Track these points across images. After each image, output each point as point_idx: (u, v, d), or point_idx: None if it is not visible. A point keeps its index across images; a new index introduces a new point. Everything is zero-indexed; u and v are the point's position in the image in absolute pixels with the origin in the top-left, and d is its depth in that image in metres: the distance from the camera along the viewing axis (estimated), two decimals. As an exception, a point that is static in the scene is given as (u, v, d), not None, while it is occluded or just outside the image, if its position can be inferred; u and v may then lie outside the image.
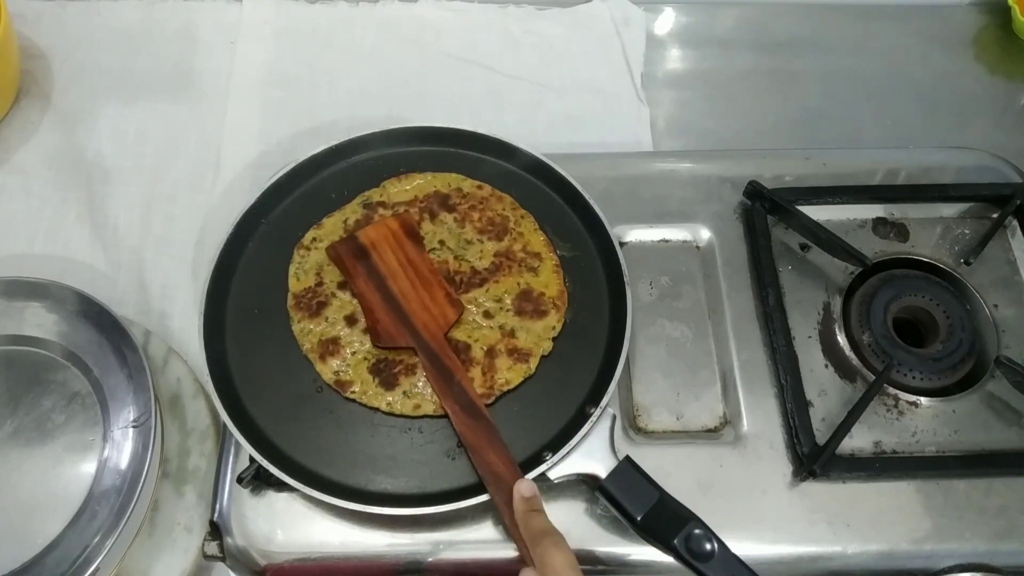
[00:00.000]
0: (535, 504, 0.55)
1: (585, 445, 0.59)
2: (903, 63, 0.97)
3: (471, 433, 0.59)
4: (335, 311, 0.67)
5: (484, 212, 0.71)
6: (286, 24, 0.96)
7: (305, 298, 0.67)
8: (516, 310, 0.67)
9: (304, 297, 0.67)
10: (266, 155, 0.86)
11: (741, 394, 0.66)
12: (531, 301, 0.67)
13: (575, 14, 0.98)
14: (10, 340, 0.67)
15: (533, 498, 0.55)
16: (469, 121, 0.75)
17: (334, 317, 0.66)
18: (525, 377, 0.64)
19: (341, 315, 0.66)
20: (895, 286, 0.70)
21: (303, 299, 0.67)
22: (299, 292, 0.68)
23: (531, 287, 0.68)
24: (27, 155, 0.86)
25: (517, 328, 0.66)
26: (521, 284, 0.68)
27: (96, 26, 0.94)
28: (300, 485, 0.57)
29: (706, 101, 0.94)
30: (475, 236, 0.70)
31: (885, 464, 0.63)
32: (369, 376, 0.64)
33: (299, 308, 0.67)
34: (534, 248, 0.70)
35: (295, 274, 0.69)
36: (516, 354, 0.64)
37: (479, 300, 0.67)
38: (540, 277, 0.68)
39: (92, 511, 0.60)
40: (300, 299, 0.67)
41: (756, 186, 0.74)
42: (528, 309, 0.67)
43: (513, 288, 0.67)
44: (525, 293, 0.67)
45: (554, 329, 0.66)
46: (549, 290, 0.68)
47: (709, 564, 0.55)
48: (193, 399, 0.70)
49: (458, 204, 0.72)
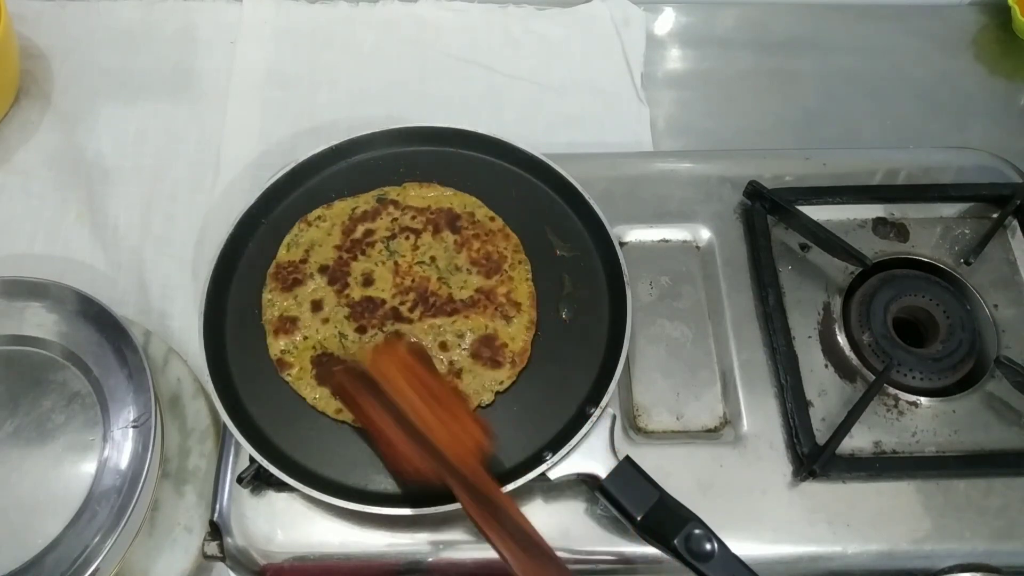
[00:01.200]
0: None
1: (585, 445, 0.59)
2: (903, 63, 0.97)
3: (531, 569, 0.51)
4: (306, 293, 0.67)
5: (485, 245, 0.70)
6: (286, 24, 0.96)
7: (285, 270, 0.68)
8: (472, 352, 0.65)
9: (285, 269, 0.68)
10: (266, 155, 0.86)
11: (741, 394, 0.66)
12: (491, 348, 0.65)
13: (575, 14, 0.98)
14: (10, 340, 0.67)
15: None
16: (469, 121, 0.75)
17: (302, 298, 0.67)
18: None
19: (309, 299, 0.67)
20: (895, 286, 0.70)
21: (283, 270, 0.68)
22: (283, 263, 0.69)
23: (497, 335, 0.66)
24: (27, 155, 0.86)
25: (466, 370, 0.64)
26: (489, 328, 0.66)
27: (96, 26, 0.94)
28: (300, 485, 0.57)
29: (706, 101, 0.94)
30: (466, 265, 0.69)
31: (885, 464, 0.63)
32: (309, 365, 0.64)
33: (276, 278, 0.68)
34: (517, 297, 0.67)
35: (287, 244, 0.70)
36: None
37: (441, 329, 0.66)
38: (510, 328, 0.66)
39: (92, 511, 0.60)
40: (280, 269, 0.68)
41: (756, 186, 0.74)
42: (485, 355, 0.65)
43: (479, 329, 0.66)
44: (488, 339, 0.65)
45: (501, 384, 0.64)
46: (513, 344, 0.65)
47: (709, 564, 0.55)
48: (193, 399, 0.70)
49: (464, 228, 0.71)
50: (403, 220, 0.71)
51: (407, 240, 0.70)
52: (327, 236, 0.70)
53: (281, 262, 0.69)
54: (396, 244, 0.70)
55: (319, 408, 0.63)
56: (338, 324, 0.66)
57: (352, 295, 0.67)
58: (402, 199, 0.72)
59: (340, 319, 0.66)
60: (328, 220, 0.71)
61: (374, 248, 0.70)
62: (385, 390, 0.57)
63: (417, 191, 0.73)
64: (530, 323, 0.67)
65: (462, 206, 0.72)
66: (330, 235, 0.70)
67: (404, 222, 0.71)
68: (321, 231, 0.70)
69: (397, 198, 0.72)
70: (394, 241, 0.70)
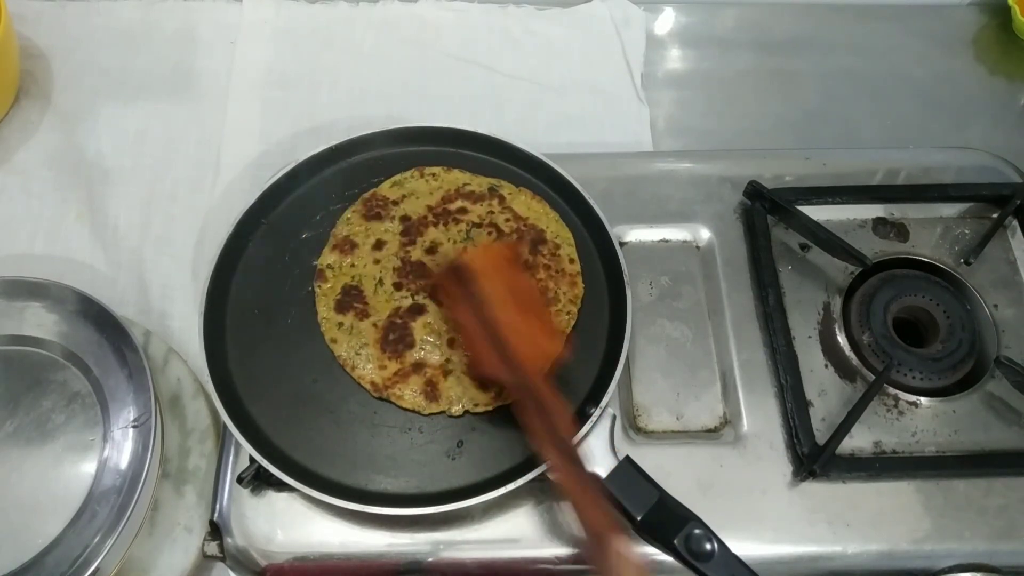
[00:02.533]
0: (632, 556, 0.51)
1: (585, 445, 0.59)
2: (903, 63, 0.97)
3: (571, 482, 0.54)
4: (379, 229, 0.70)
5: (548, 280, 0.68)
6: (286, 24, 0.96)
7: (377, 202, 0.72)
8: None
9: (378, 200, 0.72)
10: (266, 155, 0.86)
11: (741, 394, 0.66)
12: None
13: (575, 14, 0.98)
14: (10, 340, 0.67)
15: (628, 554, 0.51)
16: (469, 121, 0.75)
17: (373, 231, 0.70)
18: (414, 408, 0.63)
19: (377, 235, 0.70)
20: (895, 286, 0.70)
21: (375, 201, 0.72)
22: (379, 195, 0.72)
23: None
24: (27, 155, 0.86)
25: (453, 374, 0.64)
26: None
27: (96, 26, 0.94)
28: (300, 485, 0.57)
29: (706, 101, 0.94)
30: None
31: (885, 464, 0.64)
32: (339, 289, 0.67)
33: (365, 204, 0.72)
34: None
35: (394, 182, 0.73)
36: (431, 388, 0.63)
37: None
38: None
39: (92, 511, 0.60)
40: (374, 198, 0.72)
41: (756, 186, 0.74)
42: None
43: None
44: None
45: (476, 406, 0.63)
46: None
47: (709, 564, 0.55)
48: (193, 399, 0.70)
49: (541, 254, 0.69)
50: (498, 218, 0.71)
51: (488, 235, 0.70)
52: (428, 194, 0.72)
53: (378, 194, 0.72)
54: (477, 233, 0.70)
55: (323, 329, 0.65)
56: (384, 271, 0.68)
57: (412, 254, 0.69)
58: (510, 199, 0.72)
59: (388, 268, 0.68)
60: (439, 180, 0.73)
61: (458, 226, 0.70)
62: (477, 285, 0.60)
63: (526, 199, 0.72)
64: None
65: (554, 234, 0.71)
66: (431, 194, 0.72)
67: (497, 219, 0.71)
68: (427, 186, 0.72)
69: (507, 196, 0.72)
70: (477, 230, 0.70)
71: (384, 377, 0.64)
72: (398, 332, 0.65)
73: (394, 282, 0.68)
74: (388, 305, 0.67)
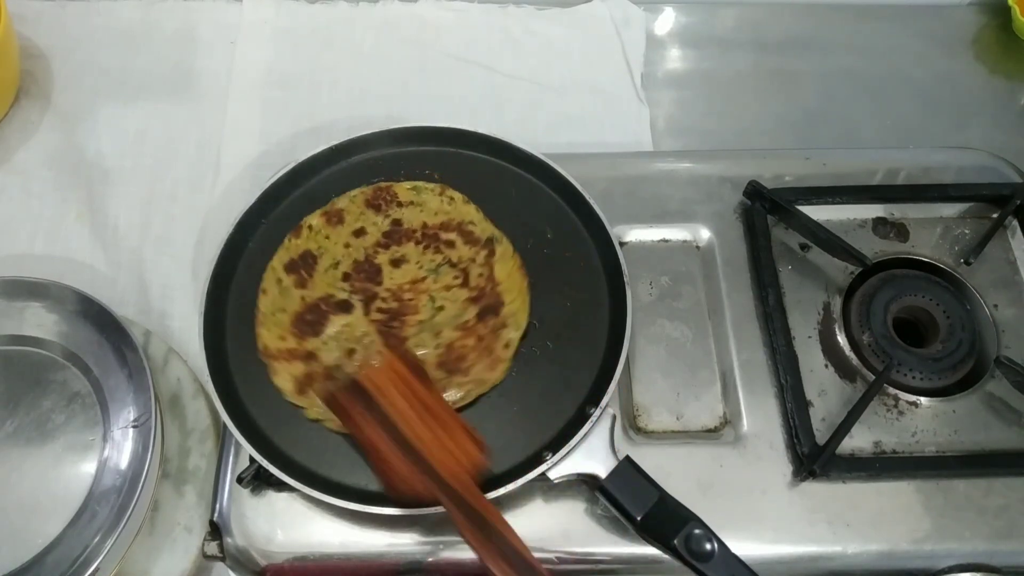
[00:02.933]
0: None
1: (585, 445, 0.59)
2: (903, 63, 0.97)
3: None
4: (359, 219, 0.71)
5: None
6: (286, 24, 0.96)
7: (381, 194, 0.72)
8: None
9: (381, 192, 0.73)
10: (266, 155, 0.86)
11: (741, 394, 0.66)
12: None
13: (575, 14, 0.98)
14: (10, 340, 0.67)
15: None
16: (469, 121, 0.75)
17: (350, 222, 0.71)
18: None
19: (355, 225, 0.70)
20: (895, 286, 0.70)
21: (379, 193, 0.72)
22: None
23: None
24: (27, 155, 0.86)
25: None
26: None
27: (96, 26, 0.94)
28: (300, 485, 0.57)
29: (706, 101, 0.94)
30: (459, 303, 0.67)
31: (885, 464, 0.63)
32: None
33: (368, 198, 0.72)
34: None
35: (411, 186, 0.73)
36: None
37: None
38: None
39: (92, 511, 0.60)
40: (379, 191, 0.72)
41: (756, 186, 0.74)
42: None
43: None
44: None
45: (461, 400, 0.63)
46: None
47: (709, 564, 0.55)
48: (193, 399, 0.70)
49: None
50: (473, 268, 0.68)
51: (454, 279, 0.68)
52: (434, 213, 0.71)
53: (392, 189, 0.72)
54: (445, 272, 0.68)
55: (264, 275, 0.67)
56: (346, 257, 0.69)
57: (378, 256, 0.69)
58: (497, 259, 0.69)
59: (351, 258, 0.69)
60: (452, 206, 0.72)
61: (436, 255, 0.69)
62: (378, 402, 0.56)
63: (512, 268, 0.69)
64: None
65: (511, 314, 0.66)
66: (436, 215, 0.71)
67: (471, 270, 0.68)
68: (438, 206, 0.72)
69: (497, 253, 0.69)
70: (448, 269, 0.68)
71: (276, 347, 0.64)
72: (315, 316, 0.65)
73: (345, 272, 0.68)
74: (326, 288, 0.67)
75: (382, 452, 0.55)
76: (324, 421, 0.62)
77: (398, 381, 0.58)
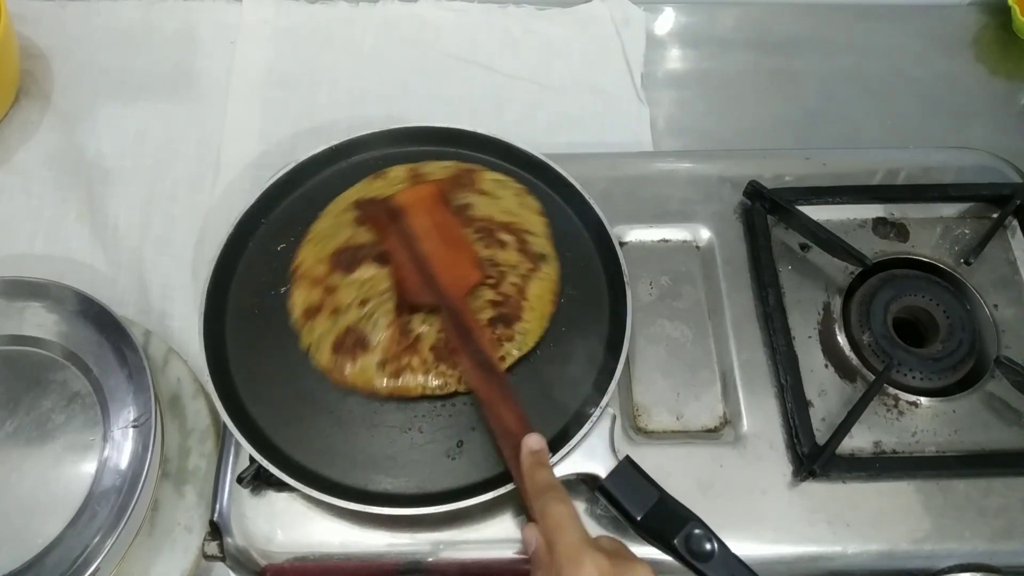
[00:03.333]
0: (542, 458, 0.55)
1: (585, 445, 0.59)
2: (903, 63, 0.97)
3: (485, 388, 0.59)
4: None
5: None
6: (286, 24, 0.96)
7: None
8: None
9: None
10: (266, 155, 0.86)
11: (741, 394, 0.66)
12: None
13: (575, 14, 0.98)
14: (10, 340, 0.67)
15: (540, 451, 0.55)
16: (469, 121, 0.75)
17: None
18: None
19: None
20: (895, 286, 0.70)
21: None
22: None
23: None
24: (27, 155, 0.86)
25: None
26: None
27: (96, 26, 0.94)
28: (300, 485, 0.57)
29: (706, 101, 0.94)
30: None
31: (885, 464, 0.64)
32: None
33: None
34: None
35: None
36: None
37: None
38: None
39: (92, 511, 0.60)
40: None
41: (756, 186, 0.74)
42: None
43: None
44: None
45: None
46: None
47: (709, 564, 0.55)
48: (193, 399, 0.70)
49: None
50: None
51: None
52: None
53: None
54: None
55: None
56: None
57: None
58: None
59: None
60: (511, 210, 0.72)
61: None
62: (404, 218, 0.68)
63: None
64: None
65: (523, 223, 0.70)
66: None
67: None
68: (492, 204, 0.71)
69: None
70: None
71: (308, 268, 0.67)
72: (353, 256, 0.67)
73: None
74: (375, 236, 0.68)
75: (398, 259, 0.66)
76: (312, 354, 0.64)
77: (426, 203, 0.69)
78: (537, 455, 0.55)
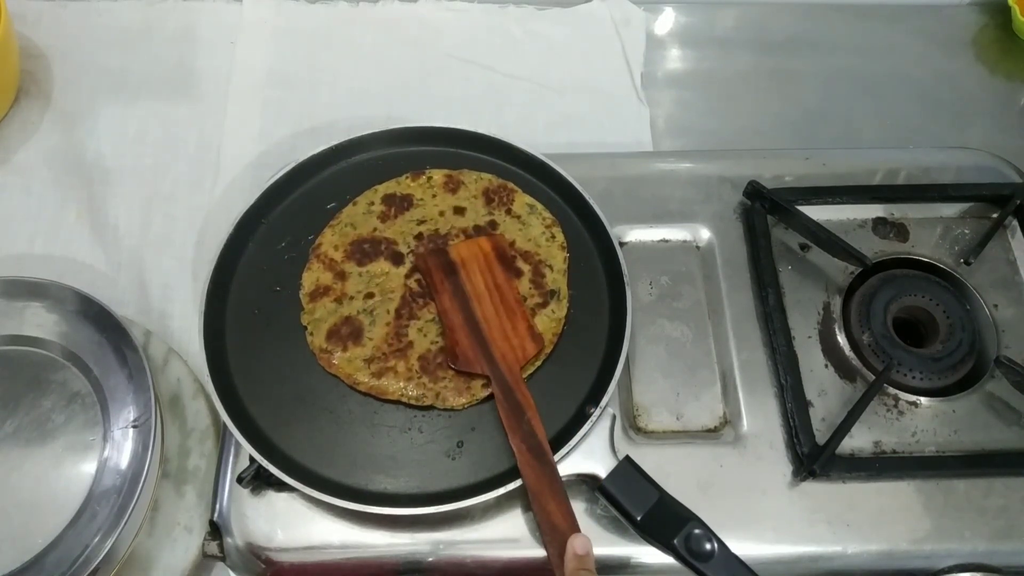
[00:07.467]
0: (587, 563, 0.53)
1: (585, 445, 0.59)
2: (903, 63, 0.97)
3: (535, 476, 0.57)
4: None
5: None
6: (286, 24, 0.96)
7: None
8: None
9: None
10: (266, 155, 0.86)
11: (741, 394, 0.66)
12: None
13: (575, 14, 0.98)
14: (10, 340, 0.67)
15: (586, 556, 0.53)
16: (469, 121, 0.75)
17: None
18: None
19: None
20: (895, 286, 0.70)
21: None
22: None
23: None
24: (27, 155, 0.86)
25: None
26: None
27: (96, 26, 0.94)
28: (300, 485, 0.57)
29: (706, 101, 0.94)
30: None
31: (885, 464, 0.64)
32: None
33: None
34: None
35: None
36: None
37: None
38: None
39: (92, 511, 0.60)
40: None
41: (756, 186, 0.74)
42: None
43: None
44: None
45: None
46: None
47: (709, 564, 0.55)
48: (193, 399, 0.70)
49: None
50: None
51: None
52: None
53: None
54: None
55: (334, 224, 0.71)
56: (439, 223, 0.71)
57: (452, 239, 0.70)
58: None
59: (447, 225, 0.71)
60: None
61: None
62: (460, 275, 0.65)
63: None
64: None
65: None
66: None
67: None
68: (515, 226, 0.71)
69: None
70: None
71: (325, 250, 0.69)
72: (371, 249, 0.69)
73: (421, 232, 0.70)
74: (397, 233, 0.70)
75: (451, 320, 0.63)
76: (310, 332, 0.65)
77: (483, 261, 0.66)
78: (582, 560, 0.53)
